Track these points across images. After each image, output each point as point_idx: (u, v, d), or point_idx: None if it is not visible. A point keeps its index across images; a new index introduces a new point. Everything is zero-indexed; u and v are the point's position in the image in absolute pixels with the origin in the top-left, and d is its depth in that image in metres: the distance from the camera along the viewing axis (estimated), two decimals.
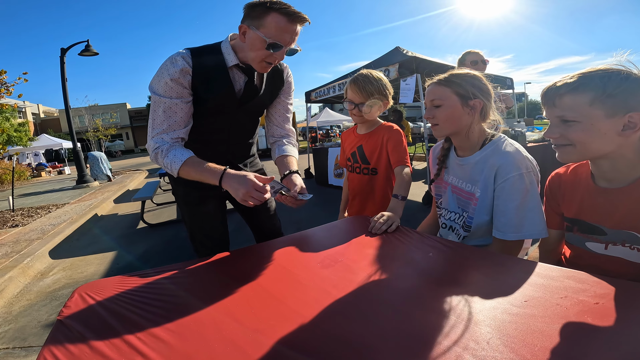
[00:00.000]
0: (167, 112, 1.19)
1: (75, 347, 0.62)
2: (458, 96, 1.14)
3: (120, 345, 0.62)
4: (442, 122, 1.17)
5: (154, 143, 1.22)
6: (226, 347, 0.60)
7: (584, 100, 0.83)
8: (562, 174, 1.10)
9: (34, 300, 2.86)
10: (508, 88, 6.90)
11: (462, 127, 1.17)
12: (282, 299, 0.75)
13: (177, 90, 1.18)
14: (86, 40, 9.33)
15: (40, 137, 20.74)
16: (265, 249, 1.08)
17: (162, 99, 1.18)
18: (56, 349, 0.62)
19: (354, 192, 1.70)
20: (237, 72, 1.26)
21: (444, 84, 1.17)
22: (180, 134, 1.23)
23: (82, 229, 5.11)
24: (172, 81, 1.16)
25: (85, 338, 0.65)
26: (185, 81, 1.18)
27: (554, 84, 0.89)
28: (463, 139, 1.21)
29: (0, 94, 6.06)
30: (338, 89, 6.62)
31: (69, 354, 0.60)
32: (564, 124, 0.88)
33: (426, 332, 0.60)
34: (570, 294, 0.68)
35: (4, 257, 3.70)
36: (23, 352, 2.14)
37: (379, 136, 1.57)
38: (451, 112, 1.15)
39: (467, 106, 1.15)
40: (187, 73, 1.18)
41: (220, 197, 1.45)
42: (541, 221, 1.06)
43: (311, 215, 4.78)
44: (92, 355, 0.60)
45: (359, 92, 1.51)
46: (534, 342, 0.55)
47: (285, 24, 1.10)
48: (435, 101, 1.17)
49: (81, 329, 0.68)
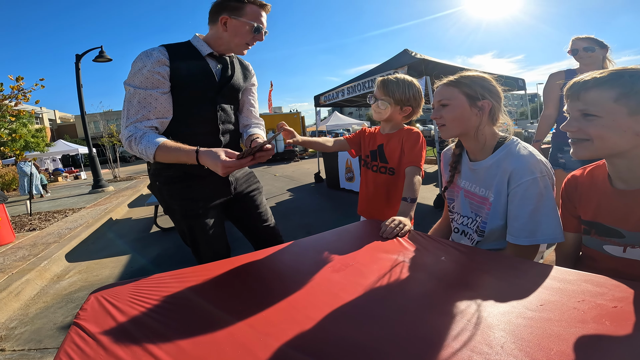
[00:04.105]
0: (142, 102, 1.23)
1: (90, 350, 0.63)
2: (466, 96, 1.14)
3: (134, 348, 0.63)
4: (449, 122, 1.16)
5: (127, 132, 1.24)
6: (237, 350, 0.60)
7: (610, 96, 0.82)
8: (578, 176, 1.08)
9: (50, 303, 2.91)
10: (520, 89, 6.82)
11: (470, 128, 1.16)
12: (293, 303, 0.75)
13: (152, 81, 1.23)
14: (100, 47, 9.55)
15: (57, 143, 21.25)
16: (277, 253, 1.09)
17: (137, 90, 1.23)
18: (72, 351, 0.63)
19: (367, 190, 1.70)
20: (211, 61, 1.37)
21: (452, 84, 1.16)
22: (154, 123, 1.26)
23: (97, 232, 5.22)
24: (149, 72, 1.22)
25: (100, 341, 0.66)
26: (163, 71, 1.24)
27: (582, 78, 0.88)
28: (472, 142, 1.19)
29: (18, 100, 6.12)
30: (347, 93, 6.63)
31: (85, 356, 0.62)
32: (584, 118, 0.87)
33: (438, 335, 0.59)
34: (587, 298, 0.66)
35: (22, 259, 3.79)
36: (38, 353, 2.17)
37: (399, 138, 1.58)
38: (459, 112, 1.14)
39: (476, 107, 1.14)
40: (163, 64, 1.24)
41: (218, 207, 1.46)
42: (557, 225, 1.04)
43: (322, 218, 4.79)
44: (107, 357, 0.61)
45: (382, 88, 1.55)
46: (550, 346, 0.54)
47: (260, 11, 1.32)
48: (443, 101, 1.17)
49: (96, 331, 0.69)
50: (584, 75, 0.89)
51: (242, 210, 1.56)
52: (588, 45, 2.26)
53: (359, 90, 6.17)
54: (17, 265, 3.60)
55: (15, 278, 3.20)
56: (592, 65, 2.24)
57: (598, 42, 2.26)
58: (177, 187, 1.37)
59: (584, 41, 2.28)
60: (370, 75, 6.05)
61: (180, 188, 1.37)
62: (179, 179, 1.36)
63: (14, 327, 2.53)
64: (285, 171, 11.53)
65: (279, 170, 12.08)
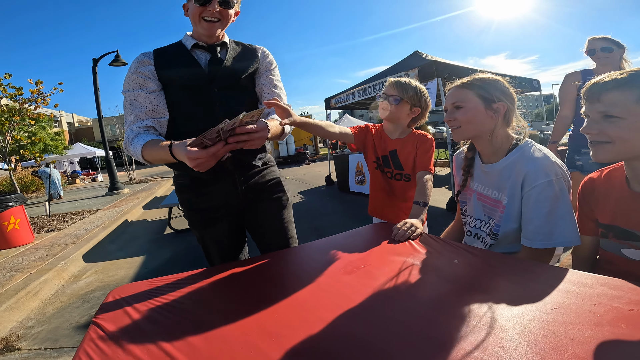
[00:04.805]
0: (132, 104, 1.24)
1: (108, 348, 0.65)
2: (481, 98, 1.13)
3: (150, 346, 0.64)
4: (464, 124, 1.15)
5: (125, 136, 1.26)
6: (249, 349, 0.61)
7: (632, 97, 0.81)
8: (595, 178, 1.05)
9: (67, 302, 2.98)
10: (535, 90, 6.70)
11: (484, 130, 1.15)
12: (305, 304, 0.76)
13: (139, 82, 1.24)
14: (115, 51, 9.80)
15: (75, 146, 21.82)
16: (288, 255, 1.10)
17: (127, 93, 1.25)
18: (91, 350, 0.65)
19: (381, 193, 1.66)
20: (200, 53, 1.32)
21: (467, 86, 1.15)
22: (148, 123, 1.25)
23: (113, 234, 5.33)
24: (134, 74, 1.24)
25: (118, 339, 0.68)
26: (147, 71, 1.24)
27: (601, 79, 0.87)
28: (486, 144, 1.18)
29: (37, 104, 6.27)
30: (358, 95, 6.63)
31: (103, 354, 0.63)
32: (605, 120, 0.85)
33: (449, 337, 0.59)
34: (604, 301, 0.65)
35: (40, 260, 3.90)
36: (54, 352, 2.21)
37: (413, 143, 1.57)
38: (473, 115, 1.13)
39: (491, 109, 1.13)
40: (146, 64, 1.25)
41: (228, 216, 1.36)
42: (573, 229, 1.02)
43: (333, 221, 4.79)
44: (125, 355, 0.62)
45: (394, 86, 1.54)
46: (564, 348, 0.53)
47: None
48: (457, 103, 1.16)
49: (114, 330, 0.71)
50: (603, 76, 0.87)
51: (255, 222, 1.42)
52: (606, 46, 2.22)
53: (370, 93, 6.17)
54: (35, 265, 3.71)
55: (34, 278, 3.29)
56: (609, 66, 2.20)
57: (615, 42, 2.22)
58: (185, 196, 1.36)
59: (602, 41, 2.24)
60: (381, 78, 6.04)
61: (187, 198, 1.35)
62: (187, 187, 1.34)
63: (31, 327, 2.59)
64: (296, 174, 11.58)
65: (290, 172, 12.13)
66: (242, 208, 1.39)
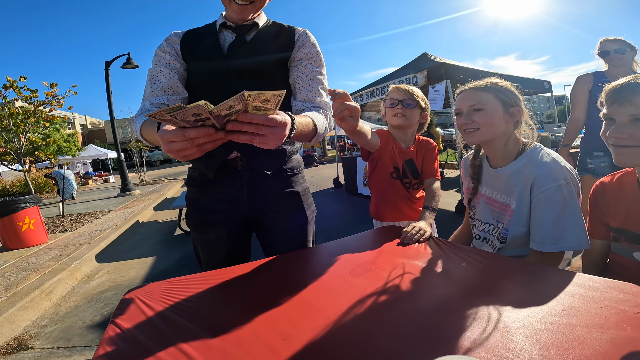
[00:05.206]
0: (152, 79, 1.16)
1: (127, 347, 0.67)
2: (500, 102, 1.13)
3: (167, 345, 0.66)
4: (483, 127, 1.14)
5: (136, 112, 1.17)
6: (262, 349, 0.63)
7: None
8: (606, 182, 1.05)
9: (80, 302, 3.04)
10: (546, 92, 6.62)
11: (499, 134, 1.15)
12: (315, 305, 0.77)
13: (163, 59, 1.17)
14: (127, 53, 9.98)
15: (88, 148, 22.21)
16: (299, 257, 1.11)
17: (149, 70, 1.18)
18: (110, 348, 0.67)
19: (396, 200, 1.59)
20: (227, 33, 1.19)
21: (486, 89, 1.15)
22: (162, 99, 1.15)
23: (125, 234, 5.42)
24: (160, 51, 1.18)
25: (136, 338, 0.70)
26: (171, 49, 1.18)
27: (632, 80, 0.84)
28: (498, 148, 1.18)
29: (52, 107, 6.40)
30: (366, 98, 6.63)
31: (122, 352, 0.66)
32: (635, 124, 0.83)
33: (456, 338, 0.60)
34: (610, 304, 0.66)
35: (54, 260, 3.98)
36: (66, 352, 2.24)
37: (422, 150, 1.59)
38: (492, 118, 1.13)
39: (508, 113, 1.13)
40: (173, 42, 1.18)
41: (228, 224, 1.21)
42: (582, 232, 1.02)
43: (341, 224, 4.79)
44: (143, 353, 0.65)
45: (404, 91, 1.51)
46: (569, 350, 0.54)
47: None
48: (477, 105, 1.14)
49: (132, 329, 0.73)
50: (627, 78, 0.85)
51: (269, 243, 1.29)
52: (619, 47, 2.20)
53: (378, 95, 6.17)
54: (49, 265, 3.79)
55: (48, 277, 3.36)
56: (622, 68, 2.18)
57: (628, 44, 2.20)
58: (191, 189, 1.28)
59: (615, 43, 2.23)
60: (389, 80, 6.04)
61: (191, 192, 1.27)
62: (194, 181, 1.26)
63: (44, 326, 2.64)
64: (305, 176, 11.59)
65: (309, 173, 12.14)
66: (248, 220, 1.24)
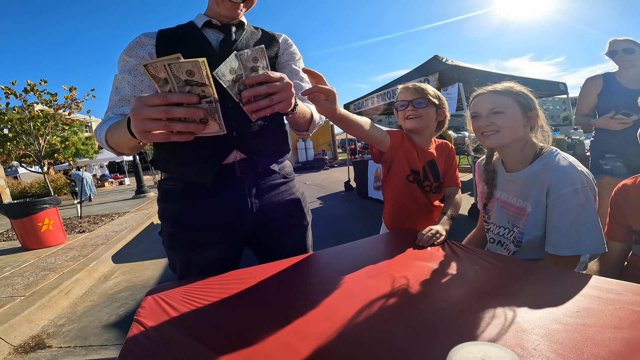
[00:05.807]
0: (117, 87, 1.06)
1: (150, 344, 0.70)
2: (520, 106, 1.13)
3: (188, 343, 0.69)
4: (503, 130, 1.13)
5: None
6: (280, 348, 0.65)
7: None
8: (629, 185, 1.04)
9: (97, 302, 3.10)
10: (561, 94, 6.50)
11: (517, 137, 1.15)
12: (331, 306, 0.79)
13: (130, 64, 1.06)
14: None
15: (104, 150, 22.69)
16: (315, 259, 1.13)
17: (115, 76, 1.07)
18: (135, 346, 0.70)
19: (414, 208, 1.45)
20: (212, 32, 1.12)
21: (505, 93, 1.15)
22: (126, 110, 1.05)
23: (140, 236, 5.53)
24: (127, 55, 1.06)
25: (159, 335, 0.73)
26: (144, 51, 1.06)
27: None
28: (515, 152, 1.17)
29: (71, 110, 6.61)
30: (377, 101, 6.61)
31: (146, 350, 0.68)
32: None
33: (470, 338, 0.60)
34: (626, 305, 0.66)
35: (72, 260, 4.09)
36: (83, 350, 2.29)
37: (443, 153, 1.49)
38: (512, 121, 1.13)
39: (526, 117, 1.14)
40: (145, 44, 1.06)
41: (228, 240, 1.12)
42: (598, 236, 1.01)
43: (352, 227, 4.79)
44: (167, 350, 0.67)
45: (413, 90, 1.41)
46: (583, 349, 0.55)
47: None
48: (497, 108, 1.14)
49: (155, 327, 0.76)
50: None
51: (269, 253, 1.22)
52: (627, 47, 2.16)
53: (389, 98, 6.15)
54: (67, 265, 3.89)
55: (66, 277, 3.45)
56: (632, 69, 2.15)
57: (637, 44, 2.16)
58: (171, 206, 1.12)
59: (623, 42, 2.19)
60: (400, 83, 6.01)
61: (174, 209, 1.11)
62: (177, 195, 1.10)
63: (62, 325, 2.71)
64: (315, 179, 11.63)
65: (309, 178, 12.20)
66: (249, 230, 1.15)
